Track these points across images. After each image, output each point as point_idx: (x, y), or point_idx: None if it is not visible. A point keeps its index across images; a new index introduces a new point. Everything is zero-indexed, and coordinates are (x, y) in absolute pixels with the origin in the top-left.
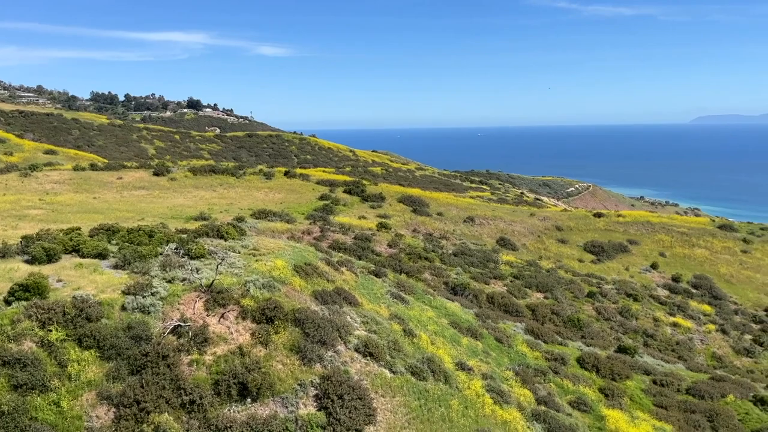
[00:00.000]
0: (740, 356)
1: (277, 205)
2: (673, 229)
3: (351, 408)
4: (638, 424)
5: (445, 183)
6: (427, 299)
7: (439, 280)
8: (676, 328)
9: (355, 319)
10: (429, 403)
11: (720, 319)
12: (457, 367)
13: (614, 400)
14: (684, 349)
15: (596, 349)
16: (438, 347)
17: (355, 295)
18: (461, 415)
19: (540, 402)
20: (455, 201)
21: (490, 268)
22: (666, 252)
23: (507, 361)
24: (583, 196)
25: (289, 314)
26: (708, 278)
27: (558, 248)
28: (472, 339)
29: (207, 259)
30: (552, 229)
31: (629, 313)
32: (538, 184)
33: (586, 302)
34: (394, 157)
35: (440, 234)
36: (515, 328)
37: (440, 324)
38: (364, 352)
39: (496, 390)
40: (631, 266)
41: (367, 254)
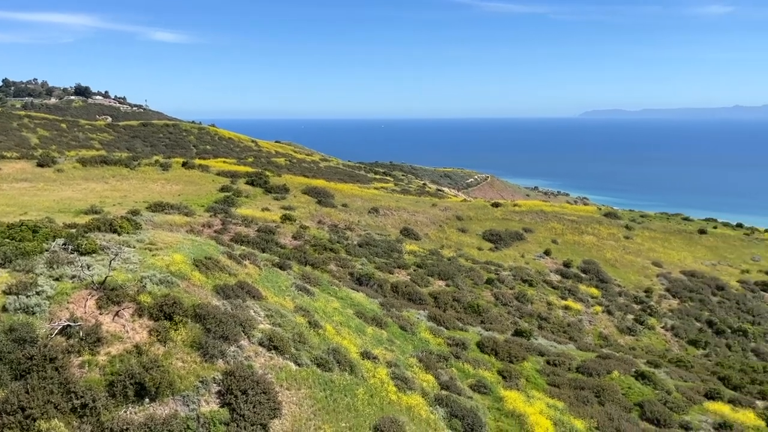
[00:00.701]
0: (624, 335)
1: (175, 198)
2: (564, 217)
3: (255, 403)
4: (533, 402)
5: (350, 174)
6: (333, 290)
7: (345, 270)
8: (568, 310)
9: (259, 312)
10: (335, 394)
11: (606, 301)
12: (362, 357)
13: (512, 382)
14: (574, 330)
15: (495, 334)
16: (344, 337)
17: (259, 288)
18: (367, 403)
19: (443, 387)
20: (360, 192)
21: (394, 258)
22: (558, 239)
23: (411, 348)
24: (481, 186)
25: (189, 310)
26: (595, 263)
27: (459, 237)
28: (377, 328)
29: (99, 255)
30: (453, 219)
31: (525, 298)
32: (440, 176)
33: (485, 289)
34: (298, 148)
35: (345, 225)
36: (419, 316)
37: (346, 314)
38: (269, 346)
39: (400, 377)
40: (526, 253)
41: (272, 247)
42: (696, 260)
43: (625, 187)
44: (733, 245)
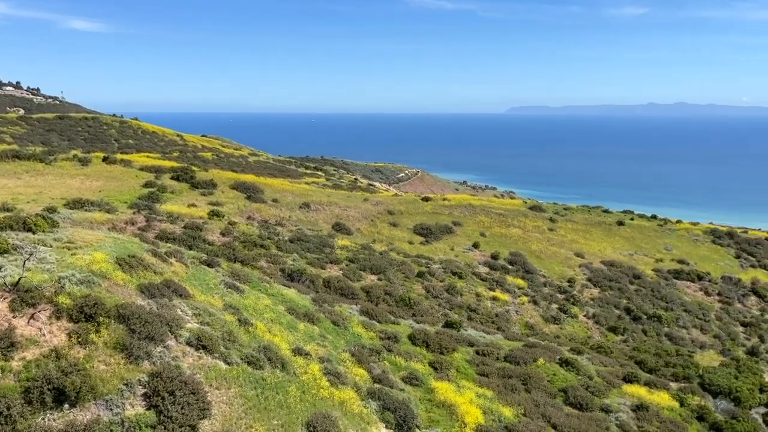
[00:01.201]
0: (548, 324)
1: (96, 194)
2: (492, 211)
3: (183, 404)
4: (464, 392)
5: (280, 169)
6: (264, 287)
7: (276, 267)
8: (495, 301)
9: (187, 311)
10: (266, 392)
11: (532, 292)
12: (294, 353)
13: (443, 373)
14: (502, 320)
15: (426, 326)
16: (275, 335)
17: (186, 286)
18: (299, 400)
19: (375, 380)
20: (291, 187)
21: (326, 253)
22: (486, 232)
23: (343, 343)
24: (412, 181)
25: (111, 310)
26: (522, 255)
27: (390, 231)
28: (309, 324)
29: (12, 255)
30: (384, 214)
31: (455, 290)
32: (371, 170)
33: (417, 282)
34: (226, 143)
35: (276, 221)
36: (351, 311)
37: (277, 311)
38: (197, 345)
39: (333, 372)
40: (456, 246)
41: (199, 244)
42: (615, 250)
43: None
44: (648, 236)
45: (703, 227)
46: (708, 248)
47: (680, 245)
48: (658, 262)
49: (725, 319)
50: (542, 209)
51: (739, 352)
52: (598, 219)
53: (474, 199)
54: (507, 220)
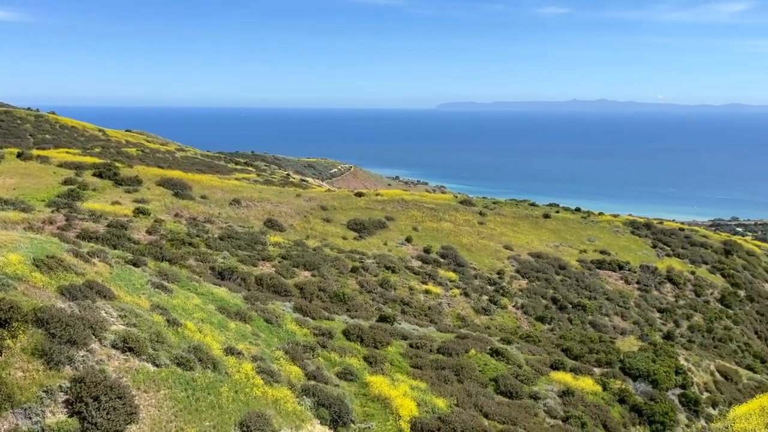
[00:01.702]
0: (479, 315)
1: (10, 192)
2: (423, 205)
3: (109, 409)
4: (398, 385)
5: (209, 165)
6: (193, 286)
7: (206, 265)
8: (428, 294)
9: (112, 313)
10: (197, 393)
11: (463, 284)
12: (226, 353)
13: (377, 367)
14: (435, 313)
15: (360, 321)
16: (205, 334)
17: (111, 287)
18: (231, 400)
19: (310, 377)
20: (220, 183)
21: (258, 250)
22: (418, 226)
23: (277, 340)
24: (345, 176)
25: (29, 314)
26: (453, 248)
27: (323, 227)
28: (241, 322)
29: None
30: (317, 209)
31: (388, 284)
32: (304, 166)
33: (351, 277)
34: (152, 138)
35: (205, 218)
36: (284, 308)
37: (207, 310)
38: (123, 348)
39: (266, 371)
40: (389, 241)
41: (124, 243)
42: (541, 242)
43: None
44: (572, 228)
45: (623, 219)
46: (627, 239)
47: (602, 236)
48: (582, 253)
49: (643, 306)
50: (472, 203)
51: (656, 337)
52: (525, 212)
53: (406, 194)
54: (438, 215)
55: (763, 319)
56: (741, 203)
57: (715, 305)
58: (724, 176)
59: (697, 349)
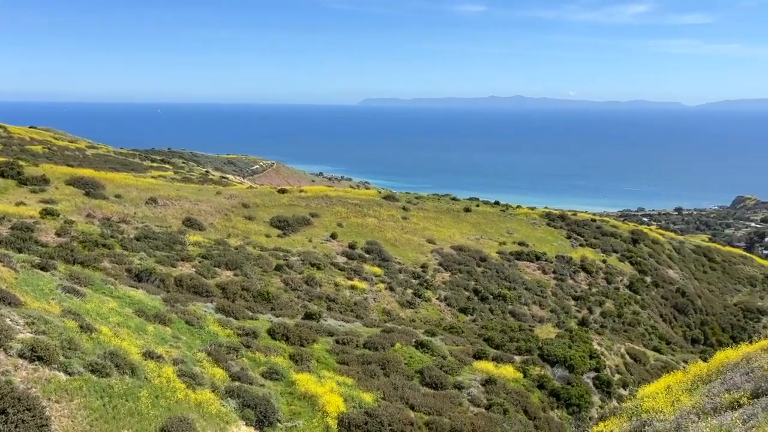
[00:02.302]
0: (404, 308)
1: None
2: (348, 201)
3: (17, 422)
4: (325, 382)
5: (123, 162)
6: (108, 289)
7: (121, 267)
8: (354, 290)
9: (18, 321)
10: (114, 400)
11: (388, 278)
12: (145, 357)
13: (303, 365)
14: (360, 308)
15: (285, 319)
16: (123, 339)
17: (16, 293)
18: (152, 405)
19: (234, 378)
20: (135, 182)
21: (177, 251)
22: (343, 222)
23: (199, 342)
24: (267, 173)
25: None
26: (378, 243)
27: (246, 225)
28: (161, 325)
29: None
30: (239, 207)
31: (314, 281)
32: (224, 162)
33: (275, 275)
34: (59, 135)
35: (119, 218)
36: (206, 309)
37: (124, 314)
38: (31, 357)
39: (188, 374)
40: (313, 237)
41: (30, 246)
42: (463, 236)
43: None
44: (492, 221)
45: (539, 211)
46: (544, 230)
47: (520, 229)
48: (502, 245)
49: (560, 295)
50: (396, 199)
51: (572, 324)
52: (447, 206)
53: (330, 190)
54: (363, 210)
55: (667, 303)
56: (646, 195)
57: (625, 291)
58: (630, 169)
59: (609, 334)
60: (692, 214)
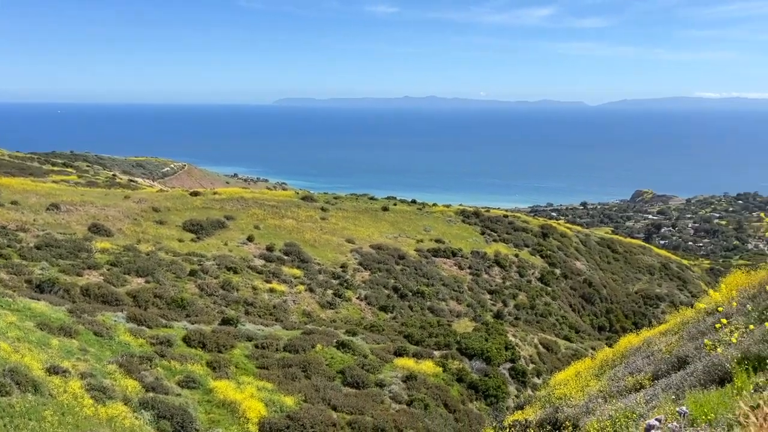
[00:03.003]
0: (325, 309)
1: None
2: (265, 203)
3: None
4: (244, 388)
5: (20, 167)
6: (6, 302)
7: (20, 278)
8: (273, 293)
9: None
10: (16, 420)
11: (308, 280)
12: (49, 372)
13: (221, 371)
14: (280, 311)
15: (202, 326)
16: (23, 354)
17: None
18: (58, 423)
19: (148, 389)
20: (34, 187)
21: (82, 259)
22: (260, 224)
23: (109, 354)
24: (179, 175)
25: None
26: (296, 245)
27: (157, 230)
28: (66, 338)
29: None
30: (149, 211)
31: (231, 285)
32: (132, 165)
33: (189, 281)
34: None
35: (17, 226)
36: (116, 319)
37: (24, 328)
38: None
39: (97, 387)
40: (229, 241)
41: None
42: (381, 234)
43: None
44: (409, 219)
45: (454, 209)
46: (459, 227)
47: (437, 226)
48: (419, 243)
49: (476, 289)
50: (314, 199)
51: (487, 317)
52: (365, 206)
53: (246, 192)
54: (281, 212)
55: (575, 293)
56: (554, 191)
57: (536, 284)
58: (539, 166)
59: (523, 325)
60: (596, 208)
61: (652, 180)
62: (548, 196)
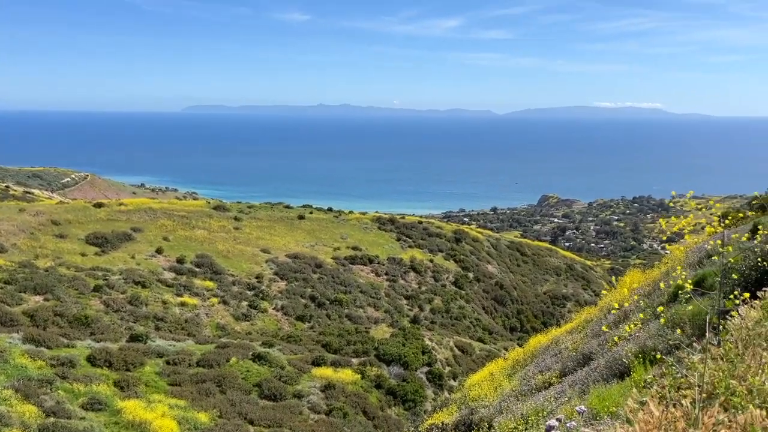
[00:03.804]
0: (240, 322)
1: None
2: (174, 213)
3: None
4: (155, 407)
5: None
6: None
7: None
8: (184, 307)
9: None
10: None
11: (221, 292)
12: None
13: (130, 390)
14: (192, 325)
15: (108, 344)
16: None
17: None
18: None
19: (48, 414)
20: None
21: None
22: (170, 236)
23: (4, 378)
24: (81, 186)
25: None
26: (209, 256)
27: (57, 244)
28: None
29: None
30: (48, 224)
31: (139, 300)
32: (27, 176)
33: (93, 297)
34: None
35: None
36: (11, 340)
37: None
38: None
39: None
40: (137, 254)
41: None
42: (298, 243)
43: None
44: (326, 227)
45: (370, 216)
46: (375, 234)
47: (353, 233)
48: (336, 251)
49: (392, 295)
50: (227, 209)
51: (405, 322)
52: (281, 215)
53: (154, 203)
54: (191, 222)
55: (488, 295)
56: (466, 196)
57: (451, 288)
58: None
59: (439, 329)
60: (506, 212)
61: (557, 185)
62: (460, 201)
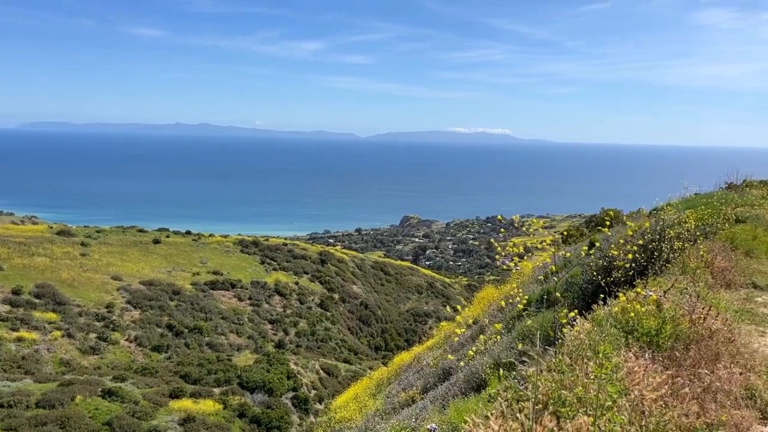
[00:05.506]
0: (87, 355)
1: None
2: (9, 239)
3: None
4: None
5: None
6: None
7: None
8: (21, 342)
9: None
10: None
11: (66, 324)
12: None
13: None
14: (31, 362)
15: None
16: None
17: None
18: None
19: None
20: None
21: None
22: (4, 265)
23: None
24: None
25: None
26: (51, 286)
27: None
28: None
29: None
30: None
31: None
32: None
33: None
34: None
35: None
36: None
37: None
38: None
39: None
40: None
41: None
42: (153, 269)
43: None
44: (184, 251)
45: (233, 239)
46: (238, 257)
47: (214, 257)
48: (195, 276)
49: (256, 320)
50: (72, 233)
51: (269, 347)
52: (134, 239)
53: None
54: (31, 249)
55: (353, 316)
56: (331, 218)
57: (317, 310)
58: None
59: (304, 352)
60: (370, 233)
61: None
62: (325, 223)
